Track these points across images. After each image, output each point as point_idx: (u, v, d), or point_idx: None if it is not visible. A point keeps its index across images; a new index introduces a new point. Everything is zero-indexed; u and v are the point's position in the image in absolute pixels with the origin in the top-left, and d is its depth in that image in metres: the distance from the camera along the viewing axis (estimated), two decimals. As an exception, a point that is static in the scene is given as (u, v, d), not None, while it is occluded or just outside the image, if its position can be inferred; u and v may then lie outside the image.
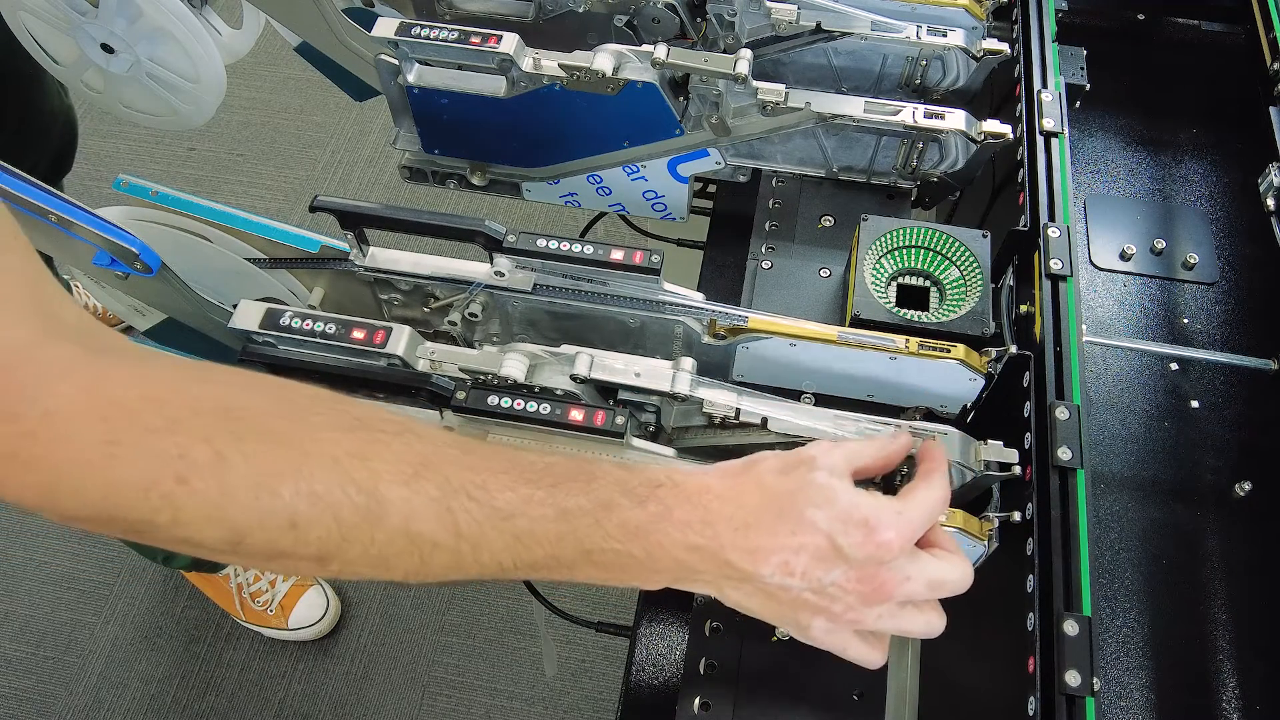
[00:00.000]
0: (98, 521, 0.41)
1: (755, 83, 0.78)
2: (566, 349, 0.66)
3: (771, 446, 0.66)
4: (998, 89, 0.87)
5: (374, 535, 0.44)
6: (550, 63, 0.79)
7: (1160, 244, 0.84)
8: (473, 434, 0.64)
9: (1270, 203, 0.80)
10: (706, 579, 0.48)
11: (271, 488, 0.42)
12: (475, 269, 0.73)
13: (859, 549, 0.47)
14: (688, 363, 0.65)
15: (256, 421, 0.43)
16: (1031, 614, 0.57)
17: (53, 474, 0.40)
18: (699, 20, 0.88)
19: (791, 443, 0.65)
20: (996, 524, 0.63)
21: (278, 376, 0.49)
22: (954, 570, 0.51)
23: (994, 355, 0.68)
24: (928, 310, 0.74)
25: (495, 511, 0.46)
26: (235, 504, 0.41)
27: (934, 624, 0.51)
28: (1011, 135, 0.78)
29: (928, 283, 0.76)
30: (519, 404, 0.63)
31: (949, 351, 0.67)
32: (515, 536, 0.46)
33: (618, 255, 0.68)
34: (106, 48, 0.93)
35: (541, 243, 0.69)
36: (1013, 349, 0.67)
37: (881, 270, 0.76)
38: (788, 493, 0.49)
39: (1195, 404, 0.76)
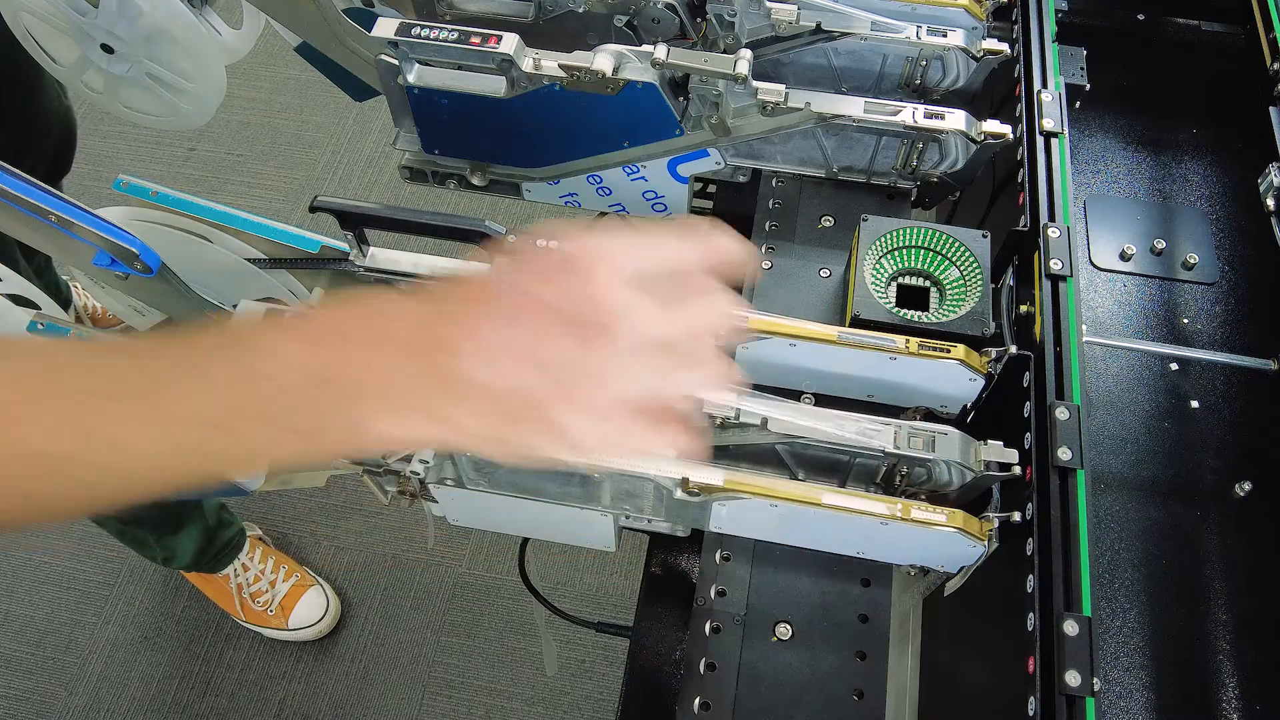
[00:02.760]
0: None
1: (755, 83, 0.78)
2: (566, 349, 0.66)
3: (772, 446, 0.66)
4: (998, 89, 0.87)
5: None
6: (550, 63, 0.79)
7: (1160, 244, 0.84)
8: None
9: (1270, 203, 0.80)
10: (413, 392, 0.40)
11: None
12: (475, 269, 0.73)
13: (531, 268, 0.41)
14: (688, 363, 0.65)
15: None
16: (1031, 614, 0.57)
17: None
18: (699, 20, 0.88)
19: (790, 442, 0.65)
20: (996, 524, 0.63)
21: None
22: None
23: (994, 355, 0.68)
24: (928, 310, 0.74)
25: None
26: None
27: (722, 371, 0.42)
28: (1011, 135, 0.78)
29: (928, 283, 0.76)
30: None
31: (949, 351, 0.67)
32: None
33: (618, 255, 0.68)
34: (107, 48, 0.93)
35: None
36: (1013, 349, 0.67)
37: (881, 270, 0.76)
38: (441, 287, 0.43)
39: (1195, 404, 0.76)
